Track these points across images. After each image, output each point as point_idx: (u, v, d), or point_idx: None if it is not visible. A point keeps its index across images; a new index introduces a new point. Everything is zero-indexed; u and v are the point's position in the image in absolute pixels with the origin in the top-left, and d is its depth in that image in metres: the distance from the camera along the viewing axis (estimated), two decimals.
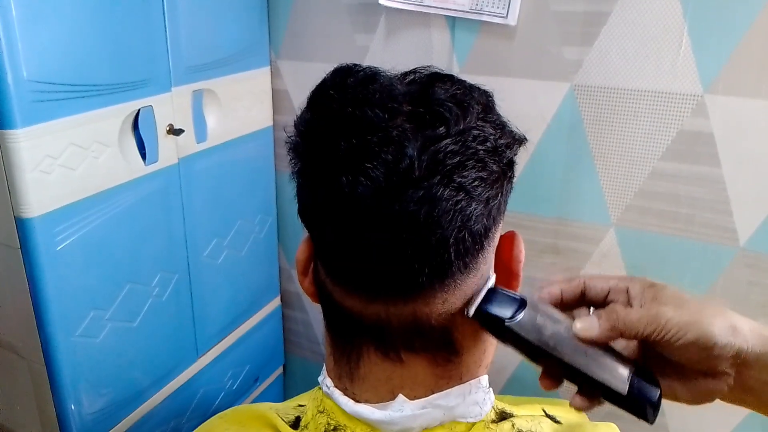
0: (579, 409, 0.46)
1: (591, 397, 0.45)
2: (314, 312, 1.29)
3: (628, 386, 0.43)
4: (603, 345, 0.45)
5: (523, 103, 0.93)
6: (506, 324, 0.44)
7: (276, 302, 1.27)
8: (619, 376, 0.43)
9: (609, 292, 0.47)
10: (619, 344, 0.47)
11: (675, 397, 0.46)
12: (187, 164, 0.93)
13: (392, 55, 1.01)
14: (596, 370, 0.43)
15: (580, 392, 0.45)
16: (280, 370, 1.35)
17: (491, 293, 0.45)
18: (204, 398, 1.08)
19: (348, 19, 1.03)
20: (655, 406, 0.43)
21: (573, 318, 0.46)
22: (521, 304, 0.45)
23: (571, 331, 0.44)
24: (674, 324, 0.42)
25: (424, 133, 0.40)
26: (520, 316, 0.44)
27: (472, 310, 0.44)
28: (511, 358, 1.07)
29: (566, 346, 0.44)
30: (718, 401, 0.46)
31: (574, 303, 0.49)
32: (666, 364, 0.45)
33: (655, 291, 0.45)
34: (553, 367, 0.45)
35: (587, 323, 0.44)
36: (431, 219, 0.40)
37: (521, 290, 0.50)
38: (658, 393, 0.44)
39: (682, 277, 0.91)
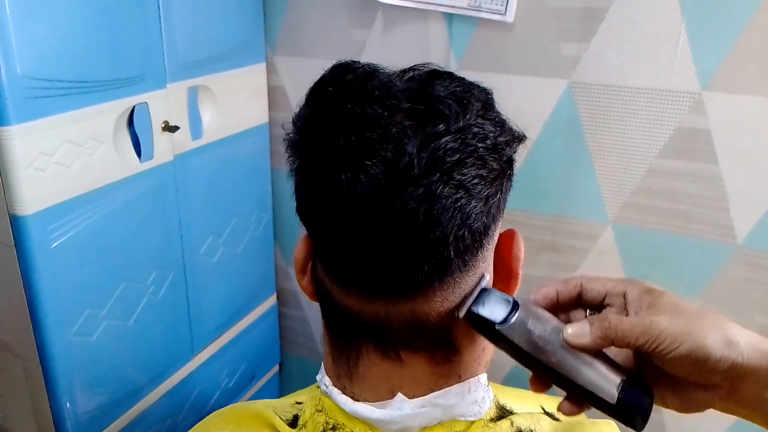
0: (567, 414, 0.45)
1: (579, 404, 0.44)
2: (311, 310, 1.29)
3: (617, 395, 0.42)
4: (595, 352, 0.44)
5: (520, 100, 0.93)
6: (496, 328, 0.43)
7: (272, 300, 1.27)
8: (609, 384, 0.42)
9: (606, 295, 0.46)
10: (613, 350, 0.46)
11: (665, 405, 0.45)
12: (182, 161, 0.92)
13: (389, 51, 1.01)
14: (585, 378, 0.42)
15: (568, 398, 0.45)
16: (276, 368, 1.34)
17: (484, 294, 0.44)
18: (200, 397, 1.07)
19: (344, 15, 1.03)
20: (645, 416, 0.42)
21: (567, 321, 0.45)
22: (514, 306, 0.44)
23: (562, 336, 0.43)
24: (668, 335, 0.41)
25: (424, 130, 0.40)
26: (512, 319, 0.43)
27: (462, 312, 0.44)
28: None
29: (556, 352, 0.43)
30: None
31: (570, 304, 0.48)
32: (659, 373, 0.44)
33: (653, 298, 0.44)
34: (543, 372, 0.44)
35: (578, 329, 0.43)
36: (431, 217, 0.39)
37: (519, 288, 0.50)
38: (648, 402, 0.43)
39: (679, 275, 0.91)
